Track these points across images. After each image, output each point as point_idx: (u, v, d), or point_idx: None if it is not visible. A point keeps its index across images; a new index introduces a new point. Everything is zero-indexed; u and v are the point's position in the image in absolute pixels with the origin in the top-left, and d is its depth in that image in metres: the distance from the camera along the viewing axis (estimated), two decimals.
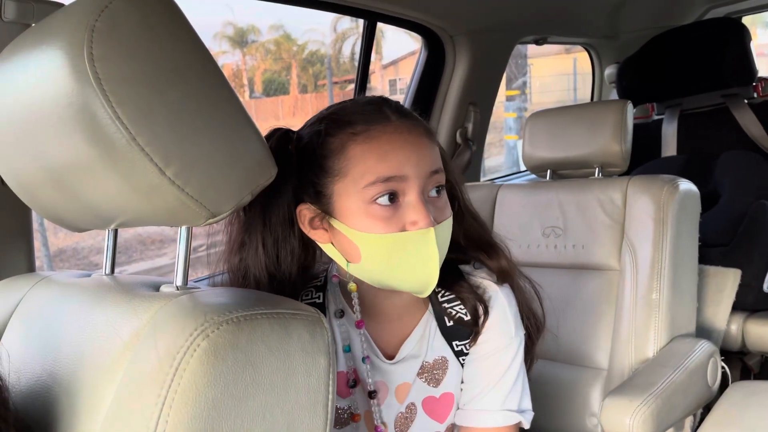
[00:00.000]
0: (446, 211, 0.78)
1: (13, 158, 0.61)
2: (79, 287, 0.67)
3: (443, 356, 0.84)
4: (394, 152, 0.74)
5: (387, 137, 0.75)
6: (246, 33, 9.40)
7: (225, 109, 0.55)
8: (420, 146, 0.76)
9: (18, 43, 0.60)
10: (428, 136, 0.79)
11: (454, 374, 0.85)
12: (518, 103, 7.24)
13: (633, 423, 1.04)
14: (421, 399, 0.84)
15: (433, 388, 0.84)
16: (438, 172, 0.77)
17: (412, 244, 0.74)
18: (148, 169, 0.51)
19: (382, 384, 0.84)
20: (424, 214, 0.73)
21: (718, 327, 1.57)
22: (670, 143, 2.16)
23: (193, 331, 0.48)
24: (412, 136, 0.76)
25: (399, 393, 0.85)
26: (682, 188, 1.35)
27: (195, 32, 0.54)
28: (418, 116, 0.81)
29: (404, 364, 0.84)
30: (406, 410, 0.85)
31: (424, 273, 0.76)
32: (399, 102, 0.81)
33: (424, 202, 0.74)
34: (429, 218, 0.73)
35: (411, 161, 0.74)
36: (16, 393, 0.59)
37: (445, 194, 0.79)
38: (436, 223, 0.74)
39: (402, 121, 0.76)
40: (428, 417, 0.85)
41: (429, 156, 0.77)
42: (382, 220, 0.74)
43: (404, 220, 0.74)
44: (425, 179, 0.75)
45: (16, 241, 0.97)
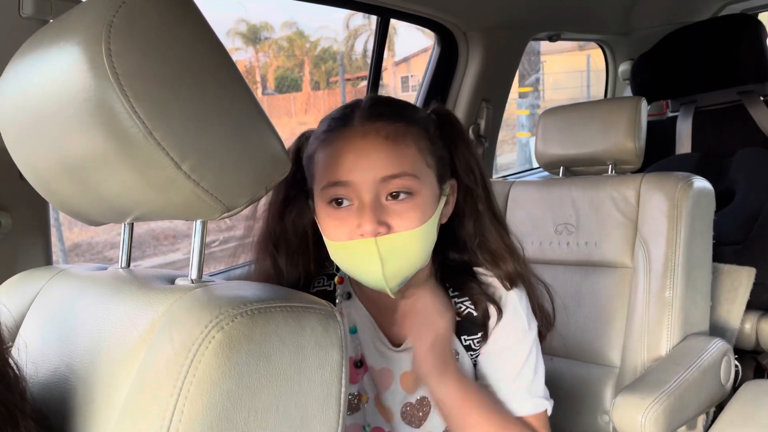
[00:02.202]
0: (409, 217, 0.75)
1: (31, 152, 0.62)
2: (96, 280, 0.68)
3: (454, 349, 0.85)
4: (342, 157, 0.75)
5: (341, 142, 0.76)
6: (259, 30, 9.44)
7: (240, 104, 0.55)
8: (374, 150, 0.75)
9: (36, 39, 0.61)
10: (392, 140, 0.75)
11: (465, 367, 0.85)
12: (531, 100, 7.21)
13: (645, 421, 1.04)
14: None
15: None
16: (398, 177, 0.74)
17: (356, 252, 0.76)
18: (164, 164, 0.51)
19: (386, 371, 0.85)
20: (366, 221, 0.74)
21: (732, 325, 1.56)
22: (685, 141, 2.14)
23: (208, 323, 0.48)
24: (366, 141, 0.75)
25: (404, 381, 0.85)
26: (696, 186, 1.34)
27: (211, 28, 0.55)
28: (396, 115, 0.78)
29: (410, 353, 0.84)
30: (416, 403, 0.85)
31: (374, 280, 0.77)
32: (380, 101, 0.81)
33: (372, 209, 0.74)
34: (370, 226, 0.73)
35: (358, 166, 0.75)
36: (34, 384, 0.60)
37: (413, 201, 0.76)
38: (387, 231, 0.74)
39: (364, 125, 0.76)
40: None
41: (383, 161, 0.75)
42: (335, 221, 0.77)
43: (354, 222, 0.75)
44: (375, 185, 0.74)
45: (33, 234, 0.99)
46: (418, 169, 0.76)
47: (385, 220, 0.74)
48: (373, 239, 0.73)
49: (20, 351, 0.58)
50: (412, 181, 0.76)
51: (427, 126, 0.82)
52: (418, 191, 0.76)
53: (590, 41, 2.55)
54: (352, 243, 0.75)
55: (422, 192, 0.77)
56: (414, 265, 0.78)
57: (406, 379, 0.85)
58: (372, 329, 0.86)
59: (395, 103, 0.84)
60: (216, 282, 0.59)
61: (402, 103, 0.85)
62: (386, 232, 0.74)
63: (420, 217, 0.76)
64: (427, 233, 0.77)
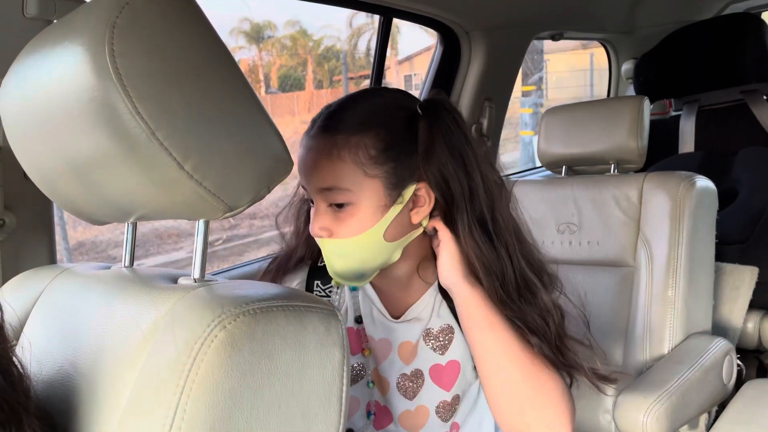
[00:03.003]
0: (347, 225, 0.80)
1: (36, 152, 0.62)
2: (99, 279, 0.68)
3: (449, 324, 0.87)
4: (300, 165, 0.82)
5: (302, 150, 0.83)
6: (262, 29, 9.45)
7: (242, 104, 0.55)
8: (312, 162, 0.80)
9: (40, 39, 0.61)
10: (326, 155, 0.78)
11: (460, 344, 0.87)
12: (534, 99, 7.21)
13: (647, 420, 1.04)
14: (428, 366, 0.87)
15: (440, 355, 0.87)
16: (330, 190, 0.79)
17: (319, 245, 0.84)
18: (167, 163, 0.51)
19: (385, 341, 0.88)
20: (313, 221, 0.82)
21: (735, 325, 1.56)
22: (688, 140, 2.14)
23: (210, 322, 0.49)
24: (308, 154, 0.81)
25: (402, 352, 0.87)
26: (699, 185, 1.34)
27: (213, 28, 0.55)
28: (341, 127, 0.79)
29: (408, 325, 0.87)
30: (411, 375, 0.87)
31: (330, 271, 0.84)
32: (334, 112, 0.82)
33: (317, 214, 0.81)
34: (314, 226, 0.81)
35: (304, 175, 0.82)
36: (38, 382, 0.60)
37: (349, 211, 0.79)
38: (329, 236, 0.80)
39: (317, 136, 0.81)
40: (435, 385, 0.87)
41: (318, 173, 0.80)
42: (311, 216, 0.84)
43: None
44: (318, 193, 0.81)
45: (38, 233, 0.99)
46: (352, 182, 0.78)
47: (328, 225, 0.81)
48: (320, 240, 0.82)
49: (24, 349, 0.58)
50: (346, 194, 0.79)
51: (379, 132, 0.79)
52: (353, 202, 0.79)
53: (593, 40, 2.55)
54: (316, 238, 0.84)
55: (359, 203, 0.79)
56: (364, 265, 0.82)
57: (404, 349, 0.87)
58: (372, 302, 0.89)
59: (354, 109, 0.82)
60: (218, 281, 0.60)
61: (364, 105, 0.83)
62: (328, 236, 0.81)
63: (357, 227, 0.80)
64: (371, 240, 0.80)
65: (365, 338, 0.88)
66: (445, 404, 0.87)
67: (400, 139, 0.80)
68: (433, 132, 0.80)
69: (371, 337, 0.88)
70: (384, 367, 0.88)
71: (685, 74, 2.11)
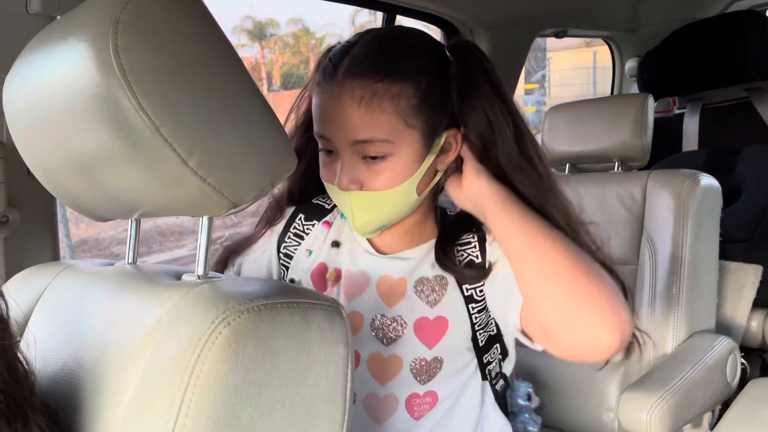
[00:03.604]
0: (382, 178, 0.76)
1: (40, 148, 0.62)
2: (103, 275, 0.68)
3: (444, 277, 0.83)
4: (324, 114, 0.77)
5: (324, 97, 0.77)
6: (265, 26, 9.43)
7: (246, 100, 0.55)
8: (345, 113, 0.75)
9: (44, 35, 0.61)
10: (365, 104, 0.74)
11: (452, 301, 0.83)
12: (537, 97, 7.20)
13: (650, 418, 1.04)
14: (414, 318, 0.82)
15: (429, 308, 0.83)
16: (369, 142, 0.75)
17: (335, 197, 0.82)
18: (171, 160, 0.51)
19: (362, 274, 0.85)
20: (341, 174, 0.77)
21: (738, 323, 1.55)
22: (692, 138, 2.13)
23: (214, 319, 0.49)
24: (341, 102, 0.75)
25: (381, 287, 0.84)
26: (703, 183, 1.34)
27: (217, 24, 0.55)
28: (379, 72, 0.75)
29: (392, 261, 0.84)
30: (392, 320, 0.82)
31: (350, 222, 0.82)
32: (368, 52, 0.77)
33: (346, 167, 0.77)
34: (342, 179, 0.77)
35: (333, 126, 0.77)
36: (42, 378, 0.61)
37: (386, 163, 0.76)
38: (359, 188, 0.77)
39: (346, 81, 0.75)
40: (417, 338, 0.82)
41: (353, 125, 0.75)
42: (324, 164, 0.81)
43: (335, 171, 0.79)
44: (349, 145, 0.76)
45: (41, 230, 0.99)
46: (393, 133, 0.75)
47: (358, 177, 0.77)
48: (346, 193, 0.78)
49: (29, 345, 0.58)
50: (385, 146, 0.76)
51: (419, 79, 0.76)
52: (392, 154, 0.76)
53: (597, 38, 2.54)
54: (333, 188, 0.80)
55: (398, 154, 0.76)
56: (388, 218, 0.81)
57: (383, 284, 0.84)
58: (355, 238, 0.87)
59: (388, 52, 0.78)
60: (222, 278, 0.60)
61: (398, 49, 0.79)
62: (358, 189, 0.77)
63: (393, 179, 0.77)
64: (403, 193, 0.78)
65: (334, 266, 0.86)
66: (423, 362, 0.82)
67: (437, 85, 0.78)
68: (469, 72, 0.79)
69: (348, 270, 0.85)
70: (358, 302, 0.83)
71: (689, 72, 2.11)
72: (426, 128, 0.77)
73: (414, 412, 0.83)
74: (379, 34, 0.81)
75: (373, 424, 0.83)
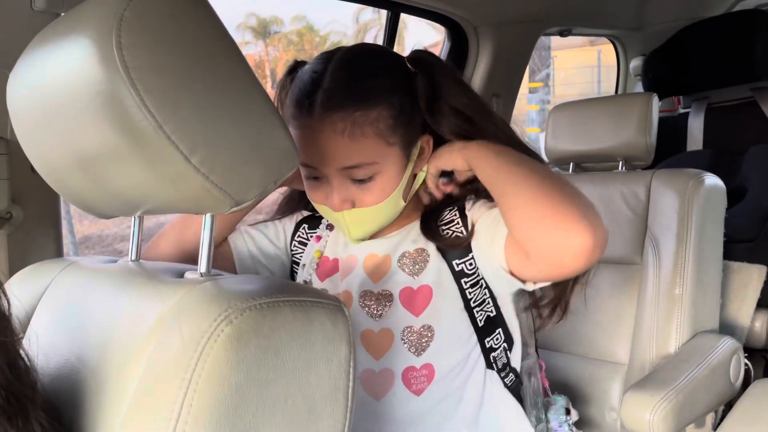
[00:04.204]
0: (373, 194, 0.81)
1: (43, 145, 0.62)
2: (106, 272, 0.68)
3: (425, 249, 0.88)
4: (308, 147, 0.80)
5: (305, 132, 0.80)
6: (269, 24, 9.44)
7: (250, 98, 0.55)
8: (330, 145, 0.78)
9: (48, 32, 0.61)
10: (348, 134, 0.78)
11: (435, 270, 0.86)
12: (541, 96, 7.19)
13: (653, 418, 1.03)
14: (398, 289, 0.87)
15: (412, 278, 0.87)
16: (356, 167, 0.79)
17: (327, 215, 0.87)
18: (173, 157, 0.51)
19: (352, 257, 0.91)
20: (333, 196, 0.82)
21: (742, 323, 1.55)
22: (697, 137, 2.13)
23: (217, 316, 0.48)
24: (324, 135, 0.78)
25: (368, 265, 0.89)
26: (707, 182, 1.33)
27: (221, 22, 0.55)
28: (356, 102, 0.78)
29: (376, 241, 0.89)
30: (378, 294, 0.87)
31: (344, 234, 0.88)
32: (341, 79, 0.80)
33: (337, 190, 0.81)
34: (334, 201, 0.82)
35: (318, 157, 0.80)
36: (44, 375, 0.61)
37: (374, 182, 0.81)
38: (351, 207, 0.82)
39: (325, 115, 0.78)
40: (404, 308, 0.86)
41: (339, 154, 0.79)
42: (310, 189, 0.86)
43: (325, 193, 0.83)
44: (337, 172, 0.80)
45: (44, 226, 1.00)
46: (377, 155, 0.80)
47: (350, 197, 0.82)
48: (340, 213, 0.83)
49: (31, 342, 0.58)
50: (371, 167, 0.80)
51: (391, 98, 0.80)
52: (379, 172, 0.81)
53: (602, 36, 2.53)
54: (324, 208, 0.85)
55: (384, 171, 0.81)
56: (380, 226, 0.87)
57: (370, 262, 0.89)
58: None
59: (358, 79, 0.81)
60: (224, 275, 0.60)
61: (366, 75, 0.82)
62: (351, 207, 0.82)
63: (382, 194, 0.82)
64: (391, 204, 0.84)
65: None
66: (412, 331, 0.85)
67: (406, 99, 0.83)
68: (434, 81, 0.85)
69: (340, 258, 0.92)
70: (348, 281, 0.89)
71: (694, 71, 2.10)
72: (403, 141, 0.82)
73: (411, 385, 0.85)
74: (346, 61, 0.83)
75: (371, 401, 0.85)
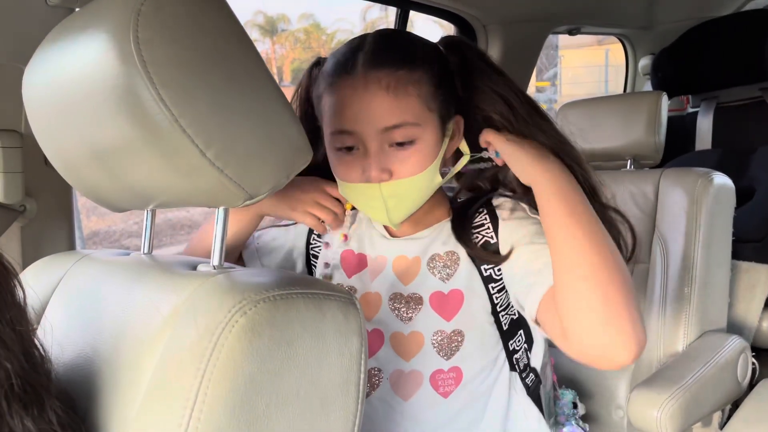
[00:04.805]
0: (412, 164, 0.78)
1: (59, 139, 0.63)
2: (119, 265, 0.69)
3: (455, 252, 0.86)
4: (348, 107, 0.78)
5: (346, 91, 0.78)
6: (276, 22, 9.44)
7: (264, 93, 0.56)
8: (375, 102, 0.77)
9: (64, 27, 0.62)
10: (393, 90, 0.76)
11: (465, 274, 0.85)
12: (548, 95, 7.16)
13: (661, 416, 1.04)
14: (429, 293, 0.86)
15: (442, 283, 0.85)
16: (399, 127, 0.77)
17: (361, 195, 0.81)
18: (189, 151, 0.52)
19: (381, 258, 0.89)
20: (370, 169, 0.78)
21: (750, 323, 1.55)
22: (705, 137, 2.12)
23: (231, 308, 0.49)
24: (368, 92, 0.77)
25: (397, 267, 0.87)
26: (716, 182, 1.33)
27: (236, 17, 0.55)
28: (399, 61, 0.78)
29: (406, 242, 0.88)
30: (408, 297, 0.86)
31: (379, 218, 0.84)
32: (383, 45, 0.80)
33: (376, 157, 0.78)
34: (374, 173, 0.78)
35: (361, 117, 0.77)
36: (59, 365, 0.61)
37: (415, 148, 0.78)
38: (390, 178, 0.78)
39: (367, 74, 0.77)
40: (435, 312, 0.85)
41: (384, 112, 0.77)
42: (343, 165, 0.81)
43: (361, 167, 0.79)
44: (378, 134, 0.77)
45: (58, 219, 1.00)
46: (419, 117, 0.78)
47: (388, 167, 0.78)
48: (377, 185, 0.79)
49: (45, 333, 0.59)
50: (414, 129, 0.78)
51: (432, 66, 0.80)
52: (420, 138, 0.78)
53: (611, 35, 2.53)
54: (359, 186, 0.81)
55: (424, 138, 0.79)
56: (417, 205, 0.83)
57: (399, 264, 0.88)
58: (373, 227, 0.91)
59: (400, 45, 0.82)
60: (237, 268, 0.60)
61: (407, 42, 0.83)
62: (389, 179, 0.78)
63: (422, 163, 0.79)
64: (429, 177, 0.80)
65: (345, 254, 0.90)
66: (443, 335, 0.84)
67: (445, 72, 0.82)
68: (470, 60, 0.83)
69: (369, 257, 0.90)
70: (377, 283, 0.88)
71: (703, 70, 2.09)
72: (441, 112, 0.81)
73: (439, 387, 0.85)
74: (381, 33, 0.84)
75: (399, 401, 0.86)
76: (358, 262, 0.91)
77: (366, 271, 0.90)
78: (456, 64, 0.84)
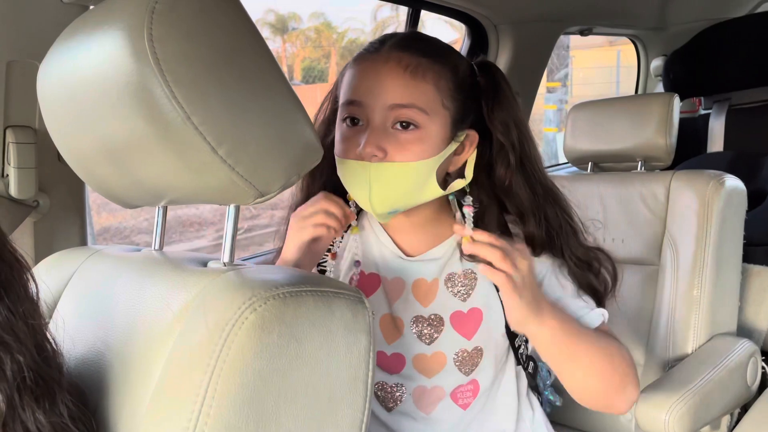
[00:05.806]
0: (408, 149, 0.77)
1: (72, 135, 0.63)
2: (131, 261, 0.69)
3: (471, 270, 0.86)
4: (362, 79, 0.79)
5: (365, 65, 0.79)
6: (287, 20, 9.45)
7: (276, 91, 0.56)
8: (390, 77, 0.77)
9: (78, 24, 0.62)
10: (410, 71, 0.77)
11: (483, 292, 0.85)
12: (559, 95, 7.13)
13: (669, 419, 1.03)
14: (449, 313, 0.85)
15: (461, 302, 0.85)
16: (406, 107, 0.76)
17: (351, 171, 0.79)
18: (201, 148, 0.52)
19: (398, 280, 0.87)
20: (367, 140, 0.76)
21: (760, 327, 1.53)
22: (717, 139, 2.11)
23: (241, 304, 0.49)
24: (386, 67, 0.77)
25: (417, 290, 0.86)
26: (728, 184, 1.32)
27: (248, 15, 0.56)
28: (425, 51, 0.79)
29: (423, 264, 0.86)
30: (430, 319, 0.86)
31: (362, 201, 0.81)
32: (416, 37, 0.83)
33: (375, 132, 0.77)
34: (368, 148, 0.76)
35: (371, 90, 0.78)
36: (71, 359, 0.62)
37: (417, 133, 0.77)
38: (383, 158, 0.76)
39: (391, 52, 0.78)
40: (456, 332, 0.85)
41: (396, 88, 0.77)
42: (344, 138, 0.80)
43: (359, 142, 0.77)
44: (384, 110, 0.77)
45: (70, 215, 1.01)
46: (430, 106, 0.78)
47: (384, 146, 0.77)
48: (368, 164, 0.77)
49: (57, 327, 0.60)
50: (420, 114, 0.77)
51: (458, 70, 0.81)
52: (424, 127, 0.77)
53: (623, 36, 2.52)
54: (351, 163, 0.79)
55: (429, 129, 0.78)
56: (403, 198, 0.80)
57: (419, 288, 0.86)
58: (383, 245, 0.88)
59: (431, 41, 0.84)
60: (247, 266, 0.61)
61: (439, 43, 0.84)
62: (382, 158, 0.77)
63: (419, 152, 0.77)
64: (422, 170, 0.78)
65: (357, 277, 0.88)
66: (465, 353, 0.85)
67: (468, 81, 0.83)
68: (499, 85, 0.84)
69: (384, 278, 0.87)
70: (397, 307, 0.86)
71: (716, 72, 2.08)
72: (456, 114, 0.80)
73: (458, 399, 0.86)
74: (415, 31, 0.86)
75: (421, 415, 0.86)
76: (369, 282, 0.88)
77: (380, 293, 0.88)
78: (485, 85, 0.84)
